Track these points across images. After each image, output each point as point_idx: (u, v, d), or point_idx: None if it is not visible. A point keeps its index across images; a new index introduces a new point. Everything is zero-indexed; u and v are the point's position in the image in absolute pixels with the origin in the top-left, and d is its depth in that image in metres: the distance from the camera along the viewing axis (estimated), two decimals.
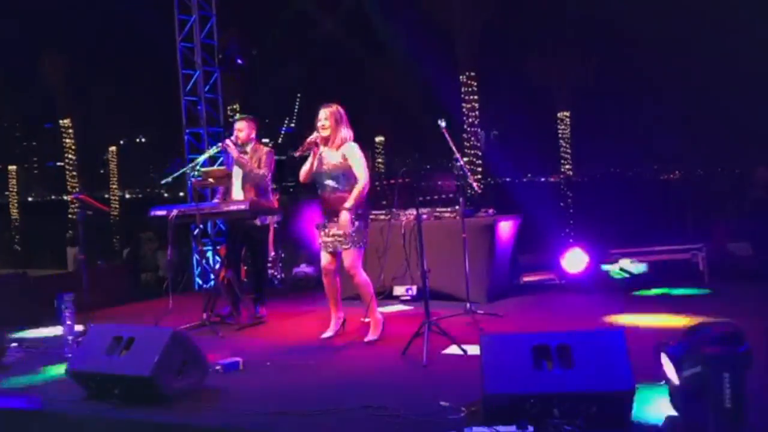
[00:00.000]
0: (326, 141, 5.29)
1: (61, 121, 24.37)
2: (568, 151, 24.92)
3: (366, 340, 5.38)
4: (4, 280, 7.61)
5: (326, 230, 5.36)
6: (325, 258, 5.41)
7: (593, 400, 3.27)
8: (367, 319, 6.07)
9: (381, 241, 6.58)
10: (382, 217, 7.04)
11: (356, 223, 5.21)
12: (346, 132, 5.31)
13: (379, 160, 30.25)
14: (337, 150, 5.27)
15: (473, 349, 4.62)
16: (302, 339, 5.75)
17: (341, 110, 5.34)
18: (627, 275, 7.47)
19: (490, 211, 6.97)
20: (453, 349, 4.82)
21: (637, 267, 7.59)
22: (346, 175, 5.24)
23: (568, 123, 24.90)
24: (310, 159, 5.33)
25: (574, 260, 7.60)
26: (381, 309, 6.51)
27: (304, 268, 8.82)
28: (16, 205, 31.46)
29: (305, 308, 7.12)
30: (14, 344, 5.51)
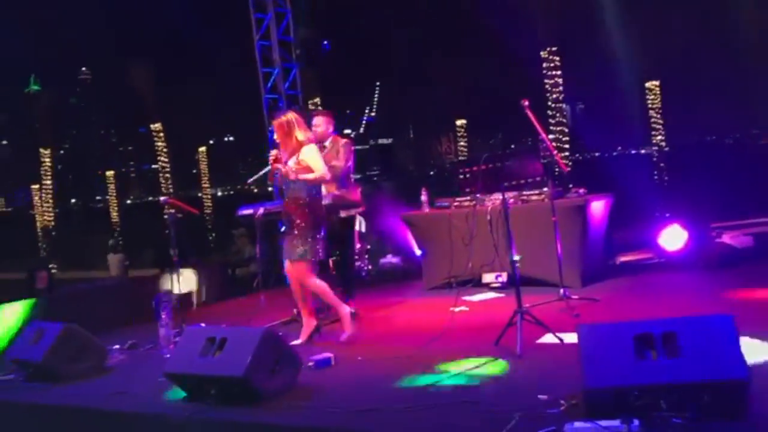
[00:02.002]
0: (284, 152, 5.40)
1: (152, 126, 25.31)
2: (660, 121, 23.93)
3: (342, 338, 5.32)
4: (105, 283, 7.92)
5: (288, 237, 5.39)
6: (286, 263, 5.44)
7: (704, 391, 3.05)
8: (458, 309, 5.97)
9: (467, 228, 6.44)
10: (467, 203, 6.89)
11: (308, 238, 5.26)
12: (301, 136, 5.36)
13: (462, 143, 29.95)
14: (293, 157, 5.36)
15: (570, 338, 4.44)
16: (393, 331, 5.70)
17: (290, 119, 5.37)
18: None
19: (581, 190, 6.69)
20: (548, 338, 4.65)
21: (742, 241, 7.15)
22: (305, 181, 5.32)
23: (658, 92, 23.89)
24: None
25: (673, 237, 7.23)
26: (470, 297, 6.42)
27: (390, 259, 8.78)
28: (116, 208, 32.94)
29: (394, 299, 7.07)
30: (116, 346, 5.69)
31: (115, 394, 4.63)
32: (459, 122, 30.15)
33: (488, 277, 6.77)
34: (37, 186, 33.46)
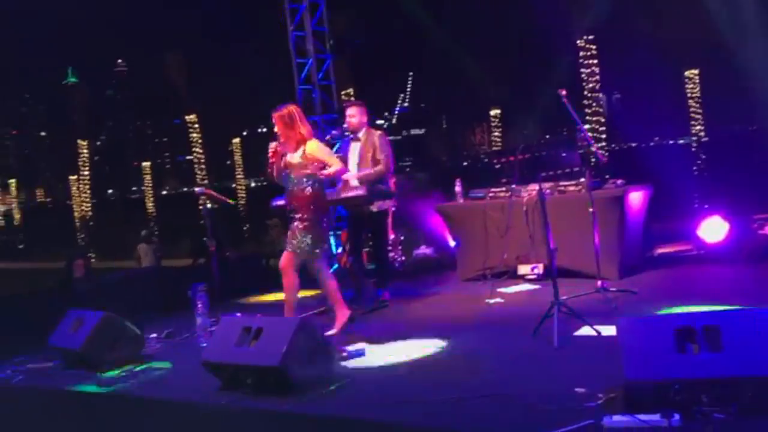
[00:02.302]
0: (285, 145, 5.39)
1: (187, 117, 25.56)
2: (699, 111, 23.46)
3: (326, 332, 5.29)
4: (142, 272, 8.04)
5: (291, 229, 5.38)
6: (283, 256, 5.41)
7: (747, 386, 2.99)
8: (493, 300, 5.95)
9: (503, 219, 6.41)
10: (502, 194, 6.84)
11: (315, 231, 5.31)
12: (305, 130, 5.36)
13: (496, 134, 29.77)
14: (296, 150, 5.35)
15: (607, 330, 4.39)
16: (427, 322, 5.68)
17: (292, 111, 5.37)
18: None
19: (619, 181, 6.60)
20: (586, 330, 4.60)
21: None
22: (308, 174, 5.35)
23: (697, 81, 23.43)
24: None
25: (713, 229, 7.08)
26: (506, 289, 6.37)
27: (423, 250, 8.76)
28: (151, 199, 33.41)
29: (428, 290, 7.06)
30: (153, 335, 5.77)
31: (152, 382, 4.71)
32: (493, 112, 29.95)
33: (524, 269, 6.71)
34: (74, 177, 34.10)
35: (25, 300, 7.22)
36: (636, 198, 6.69)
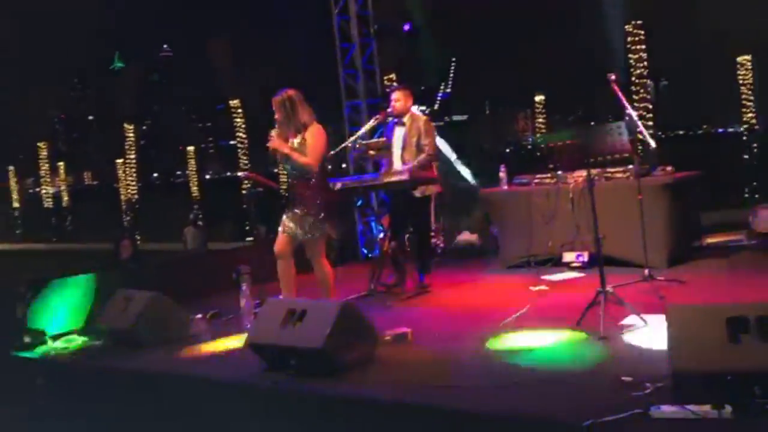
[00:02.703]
0: (286, 131, 5.28)
1: (231, 102, 25.75)
2: (751, 98, 22.79)
3: None
4: (187, 255, 8.16)
5: (288, 214, 5.33)
6: (280, 240, 5.34)
7: None
8: (537, 288, 5.90)
9: (548, 206, 6.34)
10: (548, 180, 6.76)
11: (317, 216, 5.23)
12: (306, 115, 5.27)
13: (540, 120, 29.36)
14: (296, 136, 5.25)
15: (654, 320, 4.31)
16: (468, 308, 5.67)
17: (292, 96, 5.27)
18: None
19: (668, 168, 6.47)
20: (632, 319, 4.53)
21: None
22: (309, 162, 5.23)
23: (750, 67, 22.75)
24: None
25: (766, 218, 6.90)
26: (550, 276, 6.31)
27: (466, 236, 8.71)
28: (195, 183, 33.84)
29: (470, 277, 7.03)
30: (198, 315, 5.87)
31: (197, 362, 4.79)
32: (538, 98, 29.54)
33: (568, 257, 6.64)
34: (121, 160, 34.73)
35: (73, 279, 7.40)
36: (685, 186, 6.56)
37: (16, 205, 40.99)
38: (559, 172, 6.59)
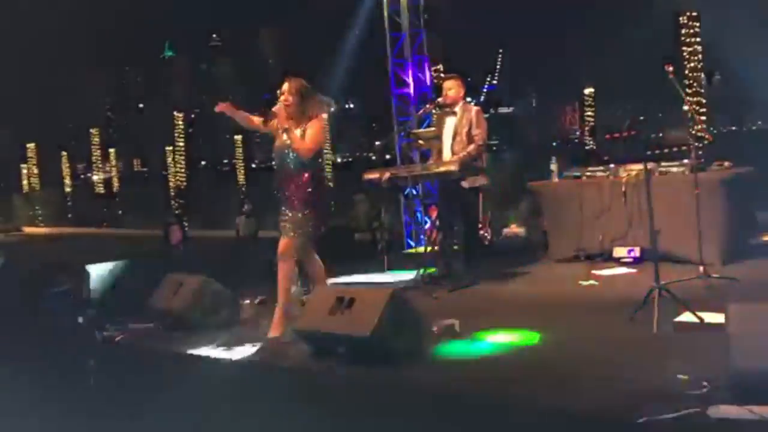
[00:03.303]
0: (290, 117, 4.91)
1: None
2: None
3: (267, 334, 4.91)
4: (236, 241, 8.24)
5: (282, 213, 4.99)
6: (281, 242, 4.98)
7: None
8: (587, 282, 5.81)
9: (599, 200, 6.23)
10: (600, 173, 6.64)
11: (306, 210, 4.87)
12: (315, 109, 4.94)
13: (588, 113, 28.95)
14: (299, 126, 4.89)
15: (710, 317, 4.20)
16: (517, 302, 5.61)
17: (308, 85, 4.96)
18: None
19: (726, 163, 6.29)
20: (687, 317, 4.41)
21: None
22: (300, 156, 4.87)
23: None
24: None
25: None
26: (600, 271, 6.20)
27: (514, 229, 8.64)
28: (242, 171, 34.28)
29: (518, 270, 6.95)
30: (246, 301, 5.92)
31: (245, 347, 4.83)
32: (587, 90, 29.07)
33: (620, 252, 6.52)
34: (170, 148, 35.35)
35: (125, 264, 7.54)
36: (742, 182, 6.38)
37: (68, 189, 42.08)
38: (612, 165, 6.47)
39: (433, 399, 3.61)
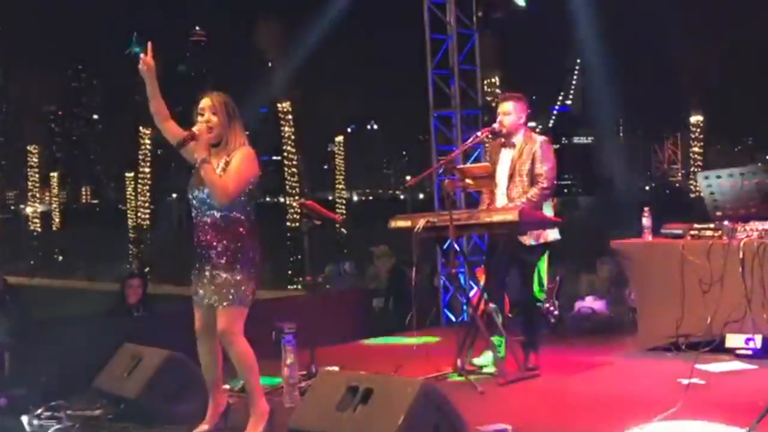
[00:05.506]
0: (208, 145, 4.86)
1: (279, 105, 26.15)
2: None
3: None
4: None
5: (199, 277, 4.93)
6: (197, 317, 4.99)
7: None
8: (688, 381, 5.76)
9: (708, 268, 6.22)
10: (710, 232, 6.64)
11: (238, 273, 4.80)
12: (241, 136, 4.91)
13: (695, 148, 28.88)
14: (220, 157, 4.86)
15: None
16: (589, 401, 5.62)
17: (233, 104, 4.95)
18: None
19: None
20: None
21: None
22: (216, 199, 4.80)
23: None
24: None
25: None
26: (707, 366, 6.16)
27: (589, 303, 8.64)
28: None
29: (595, 359, 6.97)
30: (224, 386, 5.95)
31: None
32: (694, 119, 29.08)
33: (734, 340, 6.51)
34: (131, 174, 35.75)
35: (66, 328, 7.61)
36: None
37: None
38: (726, 223, 6.48)
39: None
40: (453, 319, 9.18)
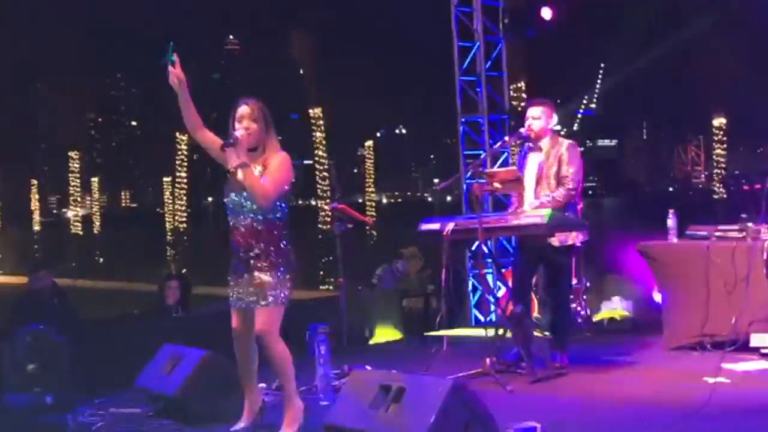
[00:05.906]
0: (248, 146, 4.89)
1: (310, 111, 26.31)
2: None
3: None
4: None
5: (237, 279, 4.95)
6: (234, 318, 5.01)
7: None
8: (713, 380, 5.72)
9: (734, 269, 6.17)
10: (734, 234, 6.60)
11: (275, 275, 4.82)
12: (275, 142, 4.96)
13: (718, 150, 28.67)
14: (258, 162, 4.88)
15: None
16: (617, 400, 5.58)
17: (267, 108, 4.97)
18: None
19: None
20: None
21: None
22: (257, 202, 4.84)
23: None
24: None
25: None
26: (733, 366, 6.12)
27: (618, 304, 8.59)
28: None
29: (622, 359, 6.93)
30: (261, 385, 5.97)
31: None
32: (717, 122, 28.86)
33: (760, 340, 6.43)
34: (169, 179, 36.06)
35: (108, 329, 7.68)
36: None
37: (36, 228, 42.98)
38: (751, 224, 6.43)
39: None
40: (481, 319, 9.17)
